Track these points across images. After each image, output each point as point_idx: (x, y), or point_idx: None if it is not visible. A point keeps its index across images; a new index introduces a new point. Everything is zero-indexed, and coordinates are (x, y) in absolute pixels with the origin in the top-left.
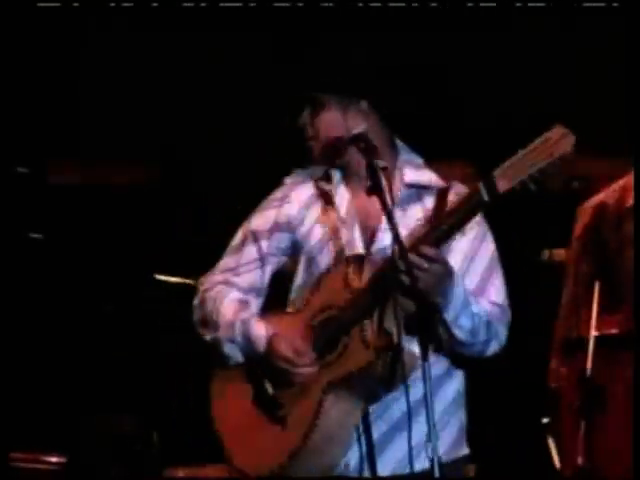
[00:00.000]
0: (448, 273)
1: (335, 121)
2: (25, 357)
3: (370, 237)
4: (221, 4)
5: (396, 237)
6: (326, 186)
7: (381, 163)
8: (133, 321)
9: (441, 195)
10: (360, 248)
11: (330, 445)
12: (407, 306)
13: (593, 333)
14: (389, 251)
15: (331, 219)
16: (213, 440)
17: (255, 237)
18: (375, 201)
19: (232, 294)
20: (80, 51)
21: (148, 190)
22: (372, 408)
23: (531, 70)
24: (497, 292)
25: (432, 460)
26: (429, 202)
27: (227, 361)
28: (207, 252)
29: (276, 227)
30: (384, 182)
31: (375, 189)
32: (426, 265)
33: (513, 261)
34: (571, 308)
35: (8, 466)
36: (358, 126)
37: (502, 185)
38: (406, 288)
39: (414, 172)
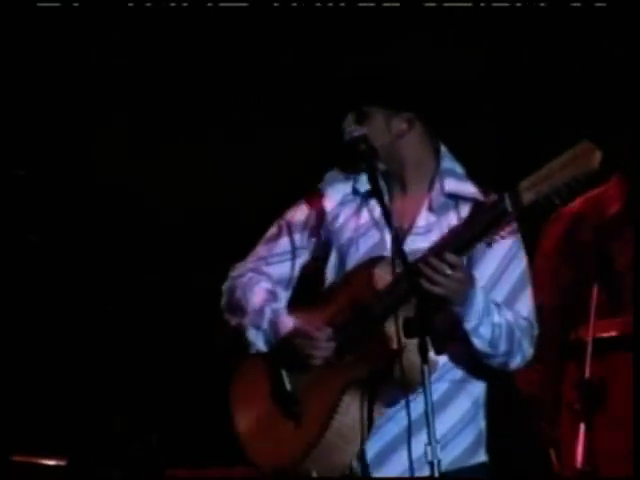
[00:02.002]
0: (469, 282)
1: (380, 128)
2: (24, 359)
3: (401, 240)
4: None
5: (395, 238)
6: (363, 187)
7: (381, 166)
8: (132, 322)
9: (478, 207)
10: (388, 250)
11: (344, 444)
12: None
13: (591, 336)
14: (418, 255)
15: (364, 218)
16: (213, 441)
17: (290, 229)
18: (411, 204)
19: (262, 283)
20: (80, 51)
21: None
22: (389, 410)
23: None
24: (525, 306)
25: (431, 463)
26: (464, 212)
27: (249, 348)
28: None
29: (311, 221)
30: (383, 185)
31: (374, 193)
32: (448, 271)
33: None
34: (554, 317)
35: (8, 467)
36: (402, 133)
37: (527, 198)
38: (425, 293)
39: (455, 182)
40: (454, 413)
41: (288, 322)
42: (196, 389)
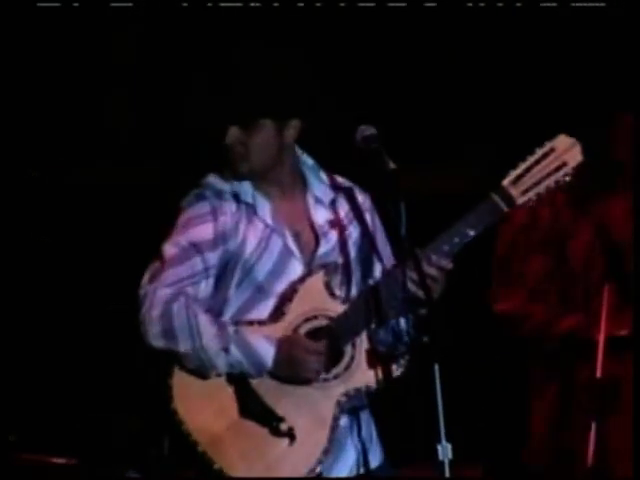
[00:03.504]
0: None
1: (271, 138)
2: (37, 358)
3: (306, 241)
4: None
5: (410, 246)
6: (245, 198)
7: (391, 165)
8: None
9: (349, 194)
10: (296, 253)
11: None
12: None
13: (603, 335)
14: (333, 254)
15: (259, 228)
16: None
17: (197, 249)
18: (295, 205)
19: (197, 305)
20: (81, 50)
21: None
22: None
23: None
24: None
25: (442, 461)
26: (344, 202)
27: (208, 372)
28: None
29: (217, 239)
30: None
31: (388, 191)
32: (443, 278)
33: None
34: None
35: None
36: (293, 139)
37: (519, 196)
38: (412, 298)
39: (324, 175)
40: (371, 425)
41: (260, 339)
42: None
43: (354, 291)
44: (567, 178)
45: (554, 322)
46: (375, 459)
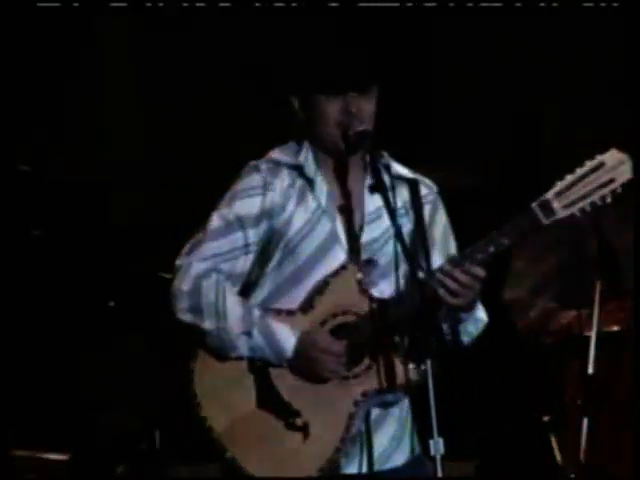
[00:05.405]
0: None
1: (376, 104)
2: (26, 354)
3: (355, 229)
4: None
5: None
6: (305, 174)
7: (383, 160)
8: (135, 318)
9: (413, 186)
10: (342, 240)
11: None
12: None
13: (595, 331)
14: (377, 244)
15: (310, 208)
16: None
17: (241, 223)
18: (351, 189)
19: (229, 283)
20: (80, 50)
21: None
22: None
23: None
24: None
25: (434, 457)
26: (402, 193)
27: (229, 352)
28: None
29: (262, 214)
30: (387, 180)
31: (377, 188)
32: (472, 284)
33: None
34: None
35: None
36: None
37: (560, 210)
38: (441, 302)
39: (388, 161)
40: (382, 438)
41: (283, 328)
42: None
43: (394, 285)
44: (614, 196)
45: (552, 318)
46: (391, 460)
